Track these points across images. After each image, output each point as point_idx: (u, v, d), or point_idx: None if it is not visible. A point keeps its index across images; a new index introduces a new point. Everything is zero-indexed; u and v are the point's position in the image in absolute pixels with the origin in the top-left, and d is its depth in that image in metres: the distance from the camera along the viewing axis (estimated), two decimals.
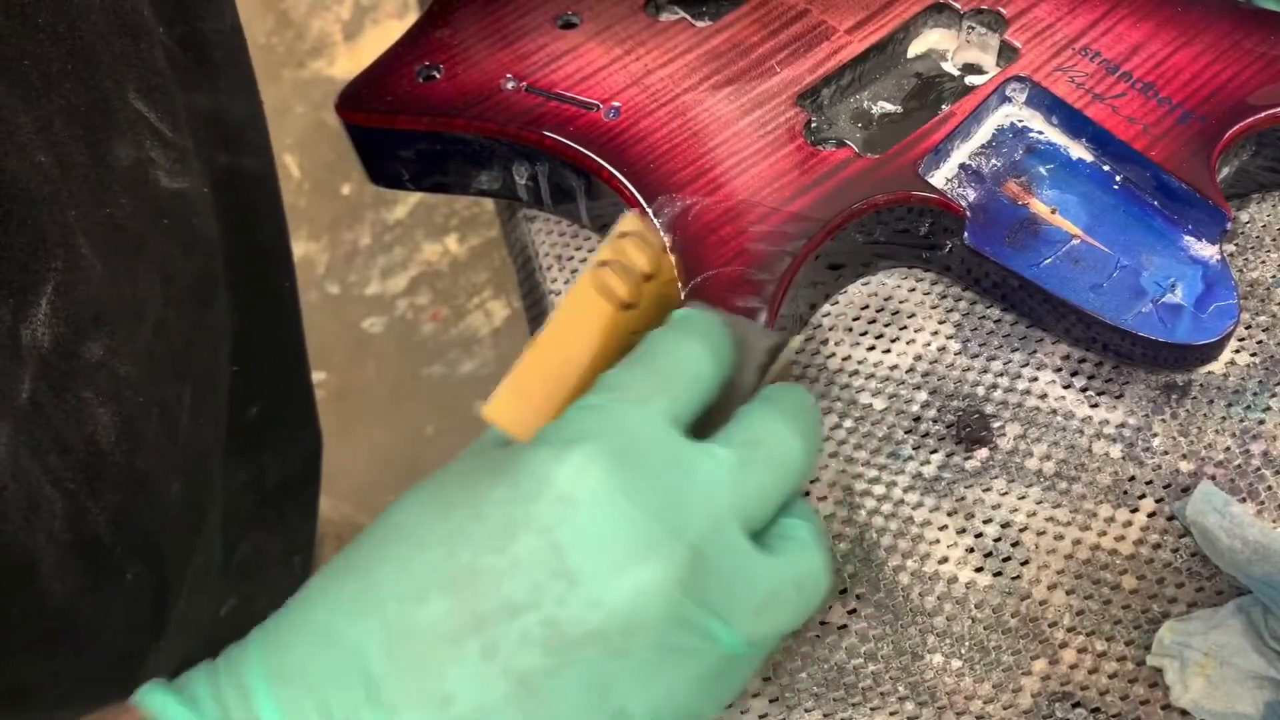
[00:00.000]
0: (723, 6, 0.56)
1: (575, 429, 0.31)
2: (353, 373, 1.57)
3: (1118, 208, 0.50)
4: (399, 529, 0.31)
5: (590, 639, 0.30)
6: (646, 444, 0.31)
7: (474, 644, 0.29)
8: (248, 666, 0.30)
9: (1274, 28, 0.53)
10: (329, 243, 1.68)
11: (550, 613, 0.29)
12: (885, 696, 0.44)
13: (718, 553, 0.31)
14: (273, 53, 1.83)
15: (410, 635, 0.29)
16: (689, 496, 0.31)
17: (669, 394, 0.32)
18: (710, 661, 0.31)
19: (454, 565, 0.30)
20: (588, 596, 0.30)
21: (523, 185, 0.55)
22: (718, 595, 0.31)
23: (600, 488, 0.30)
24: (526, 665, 0.29)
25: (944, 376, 0.51)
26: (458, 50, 0.55)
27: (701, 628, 0.31)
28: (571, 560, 0.30)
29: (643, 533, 0.30)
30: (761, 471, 0.32)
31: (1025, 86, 0.52)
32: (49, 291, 0.39)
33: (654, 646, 0.30)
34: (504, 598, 0.30)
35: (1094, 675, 0.43)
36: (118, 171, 0.42)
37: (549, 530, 0.30)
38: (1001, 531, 0.47)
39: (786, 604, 0.32)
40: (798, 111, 0.52)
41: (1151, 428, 0.49)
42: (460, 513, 0.31)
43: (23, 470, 0.39)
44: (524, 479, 0.30)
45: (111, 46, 0.42)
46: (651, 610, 0.30)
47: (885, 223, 0.51)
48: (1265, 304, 0.51)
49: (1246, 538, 0.43)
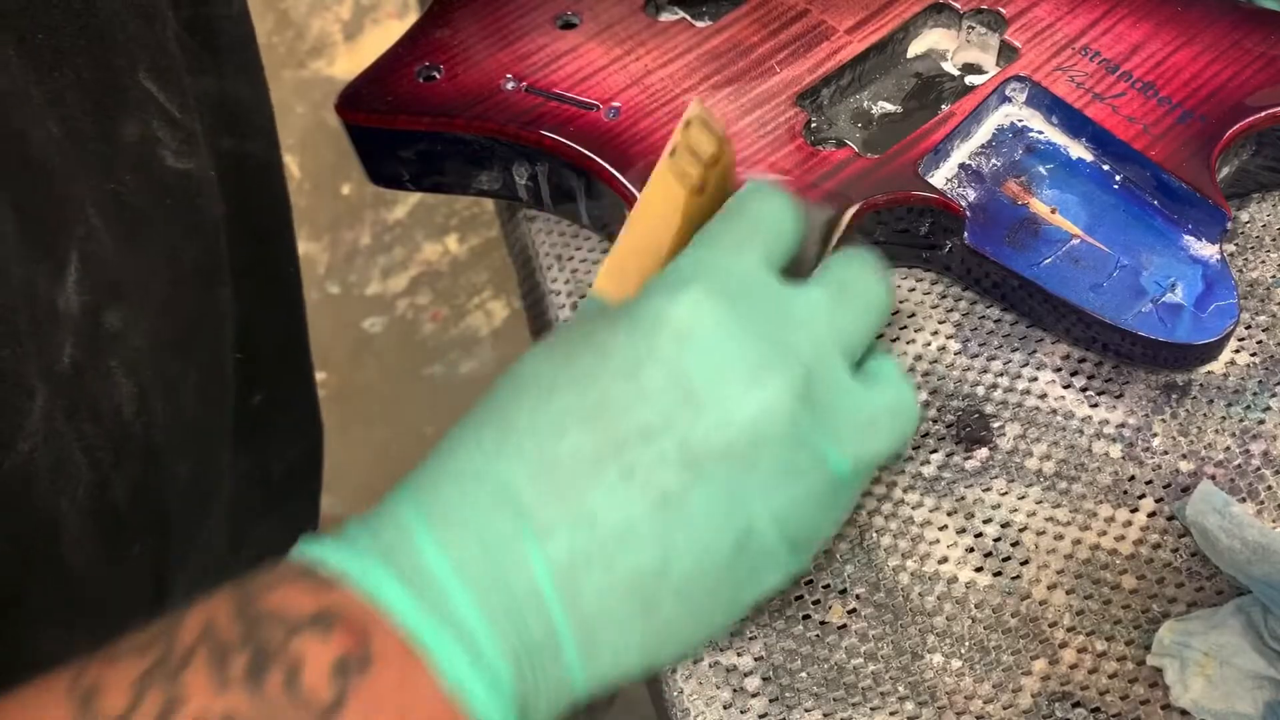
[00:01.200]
0: (722, 6, 0.56)
1: (682, 275, 0.33)
2: (353, 373, 1.57)
3: (1118, 207, 0.50)
4: (527, 378, 0.33)
5: (721, 455, 0.31)
6: (749, 284, 0.33)
7: (613, 467, 0.31)
8: (402, 508, 0.31)
9: (1274, 28, 0.53)
10: (329, 243, 1.68)
11: (683, 434, 0.31)
12: (885, 696, 0.44)
13: (824, 379, 0.33)
14: (273, 53, 1.83)
15: (553, 466, 0.31)
16: (793, 326, 0.33)
17: (760, 241, 0.34)
18: (822, 480, 0.33)
19: (587, 401, 0.32)
20: (716, 416, 0.31)
21: (523, 185, 0.55)
22: (826, 418, 0.33)
23: (714, 320, 0.32)
24: (663, 482, 0.31)
25: (944, 376, 0.51)
26: (458, 50, 0.55)
27: (815, 448, 0.33)
28: (698, 384, 0.32)
29: (760, 356, 0.32)
30: (853, 308, 0.34)
31: (1025, 86, 0.52)
32: (75, 259, 0.40)
33: (777, 462, 0.32)
34: (637, 424, 0.31)
35: (1094, 675, 0.43)
36: (125, 148, 0.43)
37: (673, 360, 0.32)
38: (1001, 531, 0.47)
39: (884, 430, 0.34)
40: (798, 111, 0.52)
41: (1151, 427, 0.49)
42: (587, 357, 0.32)
43: (56, 434, 0.40)
44: (642, 320, 0.32)
45: (125, 26, 0.42)
46: (775, 426, 0.32)
47: (885, 223, 0.51)
48: (1265, 304, 0.51)
49: (1246, 538, 0.43)
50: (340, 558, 0.30)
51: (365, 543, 0.31)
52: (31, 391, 0.38)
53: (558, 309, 0.56)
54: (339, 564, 0.30)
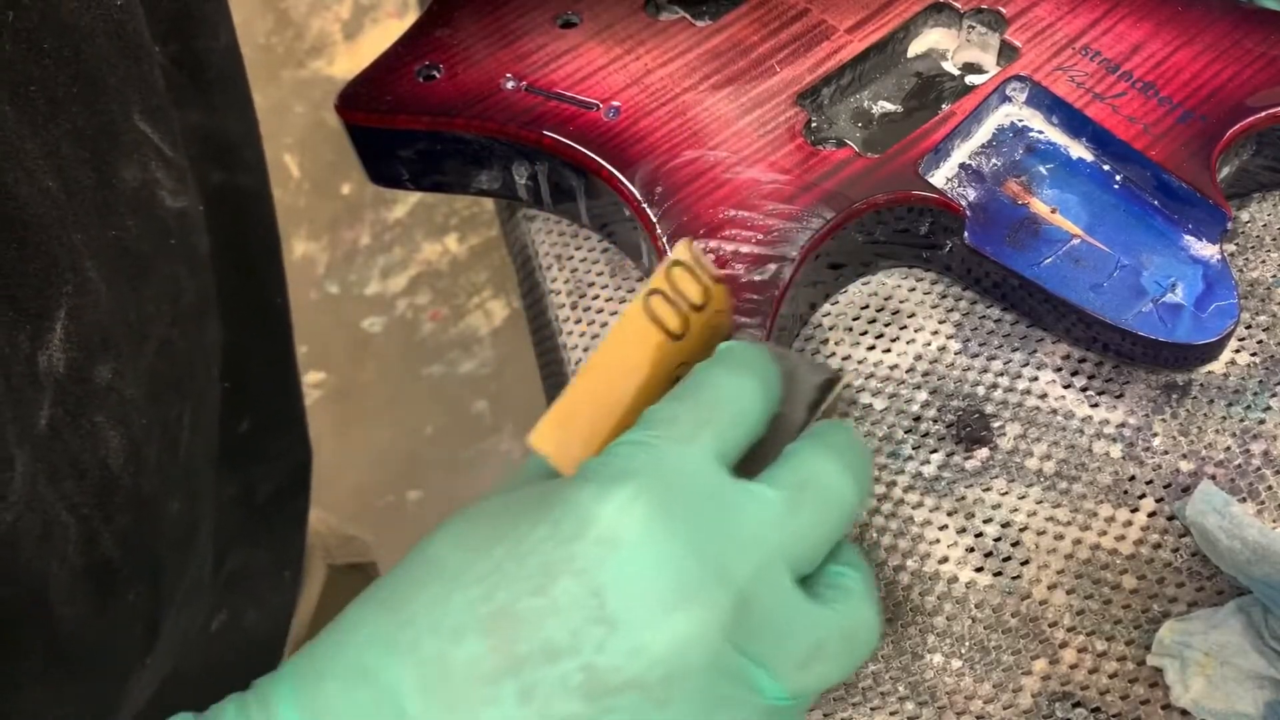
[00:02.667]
0: (722, 6, 0.56)
1: (619, 466, 0.30)
2: (353, 373, 1.57)
3: (1118, 207, 0.50)
4: (435, 564, 0.30)
5: (630, 687, 0.29)
6: (692, 483, 0.30)
7: (511, 687, 0.29)
8: (279, 700, 0.29)
9: (1274, 27, 0.53)
10: (329, 243, 1.68)
11: (590, 659, 0.29)
12: (885, 696, 0.44)
13: (764, 600, 0.30)
14: (273, 53, 1.83)
15: (446, 675, 0.29)
16: (735, 540, 0.30)
17: (716, 430, 0.31)
18: (752, 713, 0.30)
19: (492, 605, 0.29)
20: (628, 643, 0.29)
21: (523, 185, 0.55)
22: (762, 645, 0.30)
23: (643, 529, 0.29)
24: (564, 712, 0.29)
25: (944, 376, 0.51)
26: (458, 50, 0.55)
27: (744, 678, 0.30)
28: (612, 605, 0.29)
29: (686, 577, 0.29)
30: (811, 514, 0.31)
31: (1025, 86, 0.52)
32: (62, 316, 0.38)
33: (695, 696, 0.29)
34: (543, 641, 0.29)
35: (1094, 675, 0.43)
36: (124, 193, 0.42)
37: (590, 573, 0.29)
38: (1001, 531, 0.47)
39: (833, 656, 0.31)
40: (798, 111, 0.52)
41: (1151, 427, 0.49)
42: (499, 550, 0.30)
43: (39, 498, 0.39)
44: (566, 518, 0.30)
45: (116, 69, 0.41)
46: (693, 659, 0.29)
47: (885, 222, 0.51)
48: (1265, 304, 0.51)
49: (1246, 538, 0.43)
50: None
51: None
52: (10, 460, 0.37)
53: (557, 309, 0.56)
54: None
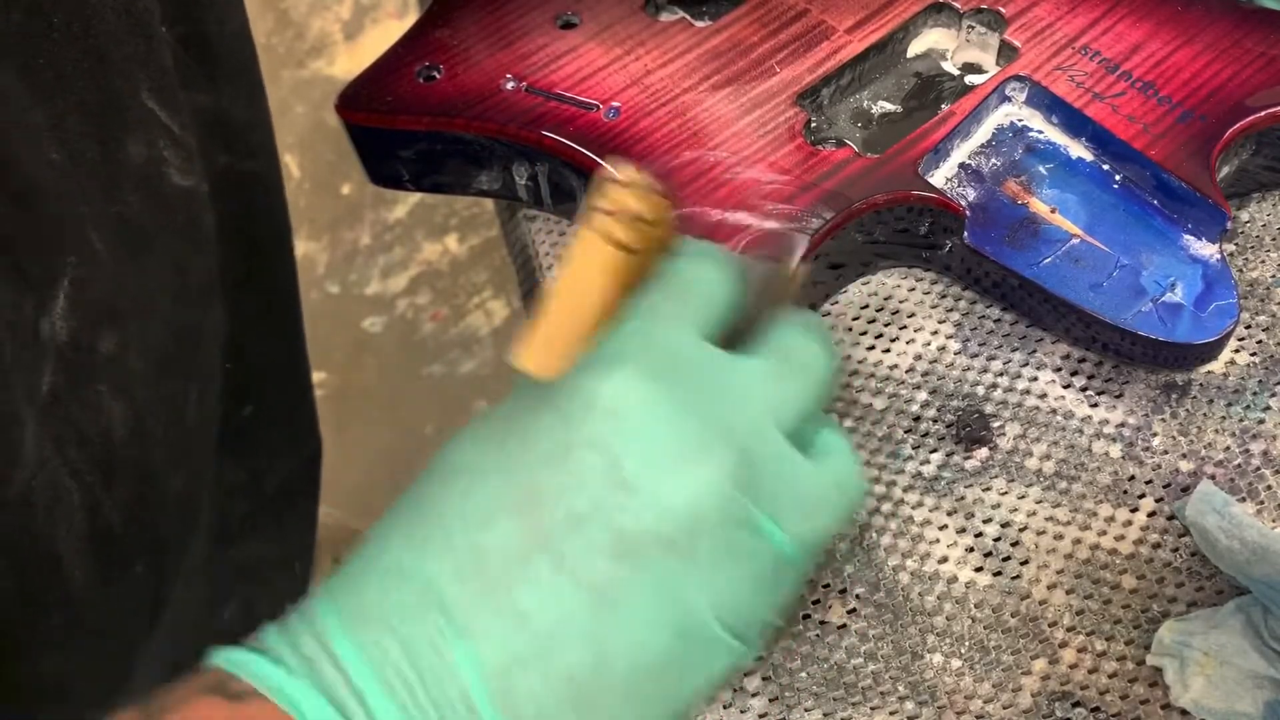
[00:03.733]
0: (722, 6, 0.56)
1: (612, 350, 0.32)
2: (353, 373, 1.57)
3: (1117, 207, 0.50)
4: (455, 466, 0.32)
5: (654, 541, 0.30)
6: (683, 356, 0.32)
7: (543, 559, 0.30)
8: (320, 611, 0.30)
9: (1274, 27, 0.53)
10: (329, 243, 1.68)
11: (613, 520, 0.30)
12: (885, 696, 0.44)
13: (764, 455, 0.32)
14: (273, 53, 1.83)
15: (480, 561, 0.30)
16: (730, 402, 0.32)
17: (694, 310, 0.33)
18: (766, 562, 0.32)
19: (514, 489, 0.30)
20: (648, 501, 0.30)
21: (523, 185, 0.55)
22: (768, 495, 0.31)
23: (646, 398, 0.31)
24: (595, 573, 0.30)
25: (944, 376, 0.51)
26: (458, 50, 0.55)
27: (756, 526, 0.31)
28: (628, 468, 0.30)
29: (693, 436, 0.31)
30: (794, 379, 0.33)
31: (1025, 86, 0.52)
32: (65, 285, 0.39)
33: (714, 545, 0.31)
34: (566, 511, 0.30)
35: (1094, 675, 0.43)
36: (129, 169, 0.43)
37: (602, 443, 0.31)
38: (1001, 531, 0.47)
39: (830, 505, 0.33)
40: (797, 111, 0.52)
41: (1151, 427, 0.49)
42: (512, 442, 0.31)
43: (46, 463, 0.40)
44: (571, 402, 0.31)
45: (124, 46, 0.42)
46: (710, 510, 0.30)
47: (885, 222, 0.51)
48: (1265, 303, 0.51)
49: (1246, 538, 0.43)
50: (255, 669, 0.29)
51: (282, 652, 0.29)
52: (19, 417, 0.38)
53: None
54: (254, 677, 0.29)
